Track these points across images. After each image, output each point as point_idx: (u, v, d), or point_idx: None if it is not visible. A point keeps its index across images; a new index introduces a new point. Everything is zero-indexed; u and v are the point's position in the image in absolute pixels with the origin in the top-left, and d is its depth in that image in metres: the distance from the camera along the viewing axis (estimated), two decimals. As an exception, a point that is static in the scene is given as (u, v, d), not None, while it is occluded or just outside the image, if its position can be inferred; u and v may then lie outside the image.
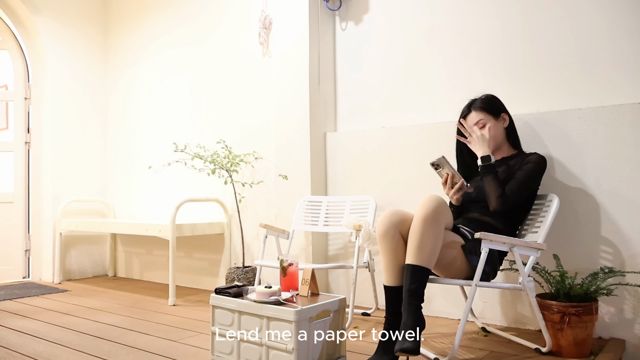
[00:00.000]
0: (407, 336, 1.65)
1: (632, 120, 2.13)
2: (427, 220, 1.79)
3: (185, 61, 3.77)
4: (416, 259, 1.76)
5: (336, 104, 3.12)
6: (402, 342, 1.65)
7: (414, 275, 1.75)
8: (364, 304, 2.90)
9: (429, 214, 1.79)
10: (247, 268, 3.05)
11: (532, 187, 2.07)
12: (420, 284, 1.75)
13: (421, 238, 1.77)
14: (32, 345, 2.21)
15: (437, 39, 2.72)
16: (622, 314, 2.13)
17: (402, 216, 1.90)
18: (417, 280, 1.75)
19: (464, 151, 2.26)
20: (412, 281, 1.74)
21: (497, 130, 2.16)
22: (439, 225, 1.80)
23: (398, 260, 1.86)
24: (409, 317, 1.70)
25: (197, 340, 2.25)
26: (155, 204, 3.96)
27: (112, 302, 3.11)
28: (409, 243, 1.80)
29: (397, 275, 1.85)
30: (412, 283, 1.74)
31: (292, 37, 3.05)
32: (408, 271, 1.76)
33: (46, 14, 3.97)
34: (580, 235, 2.24)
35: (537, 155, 2.07)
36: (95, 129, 4.27)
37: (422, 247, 1.77)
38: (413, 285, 1.74)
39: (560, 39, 2.35)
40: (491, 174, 2.01)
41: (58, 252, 3.88)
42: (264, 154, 3.27)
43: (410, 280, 1.75)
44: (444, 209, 1.84)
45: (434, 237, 1.78)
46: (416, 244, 1.78)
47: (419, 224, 1.79)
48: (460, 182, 2.05)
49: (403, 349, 1.63)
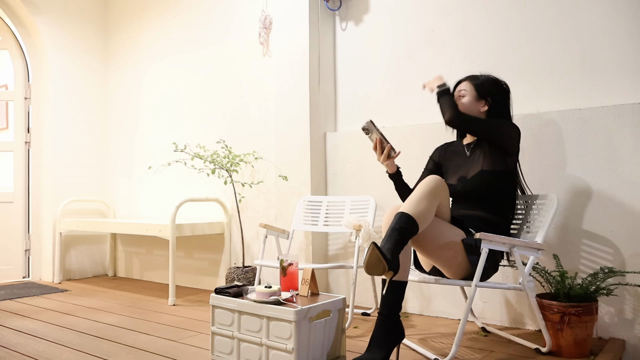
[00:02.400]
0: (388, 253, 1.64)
1: (632, 120, 2.13)
2: (425, 189, 1.82)
3: (185, 61, 3.77)
4: (407, 208, 1.77)
5: (336, 104, 3.12)
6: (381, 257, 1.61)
7: (402, 219, 1.74)
8: (364, 304, 2.90)
9: (428, 185, 1.83)
10: (247, 268, 3.05)
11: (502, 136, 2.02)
12: (407, 228, 1.73)
13: (417, 199, 1.79)
14: (32, 345, 2.21)
15: (438, 39, 2.72)
16: (622, 314, 2.13)
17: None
18: (404, 223, 1.73)
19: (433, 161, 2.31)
20: (397, 222, 1.73)
21: (471, 108, 2.12)
22: (435, 197, 1.82)
23: (403, 254, 1.81)
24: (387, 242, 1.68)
25: (197, 340, 2.26)
26: (155, 204, 3.96)
27: (112, 302, 3.11)
28: (406, 201, 1.82)
29: (402, 269, 1.80)
30: (396, 223, 1.73)
31: (292, 37, 3.05)
32: (396, 217, 1.76)
33: (46, 14, 3.97)
34: (580, 235, 2.24)
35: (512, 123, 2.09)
36: (95, 129, 4.27)
37: (417, 203, 1.78)
38: (397, 224, 1.73)
39: (561, 39, 2.35)
40: (447, 94, 2.08)
41: (58, 252, 3.88)
42: (264, 154, 3.27)
43: (396, 221, 1.74)
44: (443, 187, 1.86)
45: (429, 202, 1.79)
46: (411, 200, 1.80)
47: (418, 191, 1.82)
48: (387, 147, 2.07)
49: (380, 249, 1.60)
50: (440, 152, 2.30)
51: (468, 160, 2.14)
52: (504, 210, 2.07)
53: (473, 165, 2.09)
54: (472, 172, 2.07)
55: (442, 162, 2.27)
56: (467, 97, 2.12)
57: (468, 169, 2.11)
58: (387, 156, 2.10)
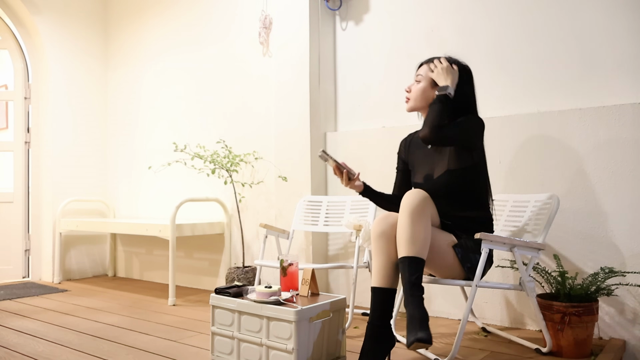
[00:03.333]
0: (420, 326, 1.60)
1: (632, 120, 2.12)
2: (414, 212, 1.75)
3: (185, 60, 3.77)
4: (410, 250, 1.72)
5: (336, 104, 3.12)
6: (414, 333, 1.59)
7: (412, 266, 1.70)
8: (364, 304, 2.89)
9: (415, 206, 1.76)
10: (247, 268, 3.05)
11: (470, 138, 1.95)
12: (420, 275, 1.71)
13: (411, 230, 1.74)
14: (32, 345, 2.20)
15: (438, 38, 2.72)
16: (623, 314, 2.13)
17: (396, 218, 1.85)
18: (416, 270, 1.70)
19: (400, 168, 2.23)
20: (411, 272, 1.70)
21: (425, 95, 2.04)
22: (426, 217, 1.77)
23: (393, 261, 1.80)
24: (416, 309, 1.64)
25: (197, 340, 2.25)
26: (155, 204, 3.96)
27: (112, 302, 3.11)
28: (400, 237, 1.76)
29: (392, 277, 1.80)
30: (412, 274, 1.69)
31: (292, 36, 3.05)
32: (405, 264, 1.72)
33: (46, 14, 3.97)
34: (580, 235, 2.23)
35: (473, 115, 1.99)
36: (95, 129, 4.27)
37: (414, 239, 1.73)
38: (413, 276, 1.69)
39: (560, 39, 2.35)
40: (441, 103, 1.91)
41: (58, 252, 3.88)
42: (264, 154, 3.27)
43: (409, 272, 1.70)
44: (429, 202, 1.81)
45: (424, 228, 1.75)
46: (407, 236, 1.74)
47: (407, 217, 1.76)
48: (345, 171, 2.05)
49: (419, 338, 1.56)
50: (405, 147, 2.21)
51: (430, 155, 2.06)
52: (483, 205, 2.01)
53: (438, 163, 2.01)
54: (439, 172, 2.00)
55: (407, 159, 2.19)
56: (422, 83, 2.05)
57: (432, 165, 2.04)
58: (347, 179, 2.05)
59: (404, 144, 2.22)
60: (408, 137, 2.23)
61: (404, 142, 2.23)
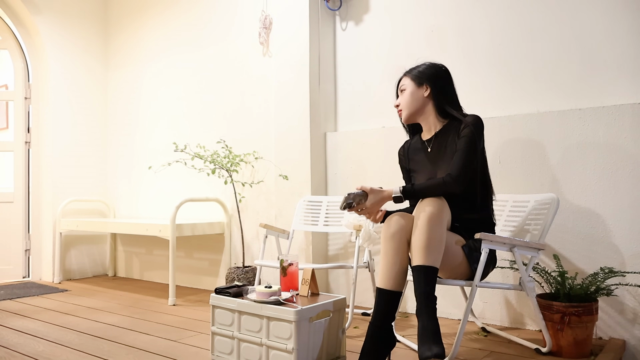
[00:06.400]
0: (434, 339, 1.58)
1: (632, 120, 2.13)
2: (433, 219, 1.74)
3: (185, 60, 3.77)
4: (427, 259, 1.70)
5: (336, 104, 3.12)
6: (428, 346, 1.57)
7: (428, 276, 1.69)
8: (364, 304, 2.90)
9: (434, 213, 1.75)
10: (247, 268, 3.05)
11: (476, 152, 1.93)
12: (434, 285, 1.69)
13: (429, 238, 1.72)
14: (32, 345, 2.21)
15: (438, 39, 2.72)
16: (622, 314, 2.13)
17: (409, 219, 1.84)
18: (431, 281, 1.69)
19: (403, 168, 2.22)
20: (426, 283, 1.68)
21: (414, 97, 2.05)
22: (443, 225, 1.76)
23: (402, 264, 1.79)
24: (429, 320, 1.62)
25: (197, 340, 2.25)
26: (155, 204, 3.96)
27: (112, 302, 3.11)
28: (416, 244, 1.74)
29: (399, 280, 1.78)
30: (427, 285, 1.67)
31: (292, 37, 3.05)
32: (420, 273, 1.69)
33: (46, 14, 3.97)
34: (580, 235, 2.23)
35: (470, 118, 1.96)
36: (95, 129, 4.27)
37: (430, 248, 1.71)
38: (427, 287, 1.67)
39: (560, 39, 2.35)
40: (414, 191, 1.88)
41: (58, 252, 3.88)
42: (264, 154, 3.27)
43: (425, 281, 1.68)
44: (446, 209, 1.81)
45: (440, 236, 1.74)
46: (424, 244, 1.72)
47: (426, 224, 1.74)
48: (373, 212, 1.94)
49: (436, 354, 1.54)
50: (405, 155, 2.19)
51: (431, 159, 2.05)
52: (485, 206, 2.00)
53: (440, 166, 2.00)
54: (441, 174, 1.97)
55: (409, 165, 2.17)
56: (407, 89, 2.07)
57: (434, 170, 2.02)
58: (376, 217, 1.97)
59: (402, 152, 2.21)
60: (405, 145, 2.21)
61: (402, 150, 2.22)
